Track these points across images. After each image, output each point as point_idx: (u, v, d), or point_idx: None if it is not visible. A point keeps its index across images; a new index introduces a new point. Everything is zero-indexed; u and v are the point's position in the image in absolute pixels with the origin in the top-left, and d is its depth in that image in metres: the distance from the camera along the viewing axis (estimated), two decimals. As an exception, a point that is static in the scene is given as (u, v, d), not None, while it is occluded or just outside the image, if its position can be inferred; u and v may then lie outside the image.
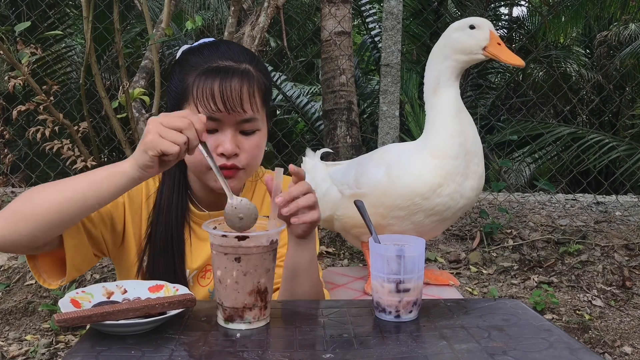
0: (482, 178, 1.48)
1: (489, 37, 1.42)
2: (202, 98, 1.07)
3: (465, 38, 1.43)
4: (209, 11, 6.33)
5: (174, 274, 1.15)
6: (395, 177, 1.45)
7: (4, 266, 2.72)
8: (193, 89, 1.08)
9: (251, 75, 1.10)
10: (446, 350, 0.82)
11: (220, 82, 1.07)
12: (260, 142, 1.14)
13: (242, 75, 1.09)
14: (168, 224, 1.16)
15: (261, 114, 1.13)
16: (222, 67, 1.09)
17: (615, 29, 6.72)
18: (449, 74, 1.45)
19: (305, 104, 6.18)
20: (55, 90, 2.28)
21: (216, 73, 1.08)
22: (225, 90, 1.06)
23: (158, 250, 1.16)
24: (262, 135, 1.15)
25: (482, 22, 1.43)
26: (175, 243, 1.17)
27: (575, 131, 4.75)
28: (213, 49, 1.14)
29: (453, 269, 2.82)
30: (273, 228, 0.96)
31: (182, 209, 1.18)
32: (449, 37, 1.45)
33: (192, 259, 1.20)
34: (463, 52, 1.43)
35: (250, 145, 1.12)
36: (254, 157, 1.14)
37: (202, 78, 1.08)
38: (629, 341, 2.38)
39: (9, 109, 3.07)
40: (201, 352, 0.81)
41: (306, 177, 1.80)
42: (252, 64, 1.12)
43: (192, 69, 1.10)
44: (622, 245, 2.97)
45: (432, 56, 1.48)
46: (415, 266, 0.94)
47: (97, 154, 2.47)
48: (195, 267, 1.21)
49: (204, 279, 1.22)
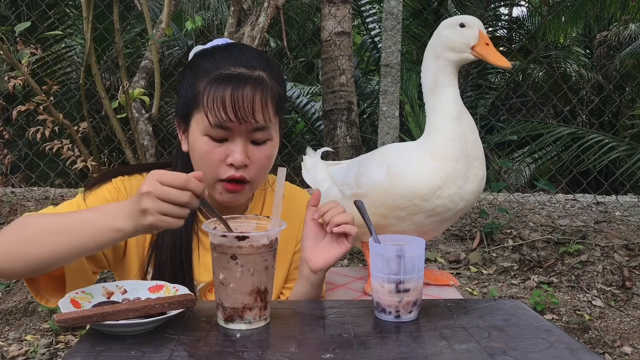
0: (483, 181, 1.48)
1: (477, 37, 1.41)
2: (213, 107, 1.02)
3: (454, 36, 1.42)
4: (209, 11, 6.33)
5: (182, 283, 1.13)
6: (396, 177, 1.45)
7: (3, 266, 2.71)
8: (204, 97, 1.04)
9: (265, 83, 1.05)
10: (446, 351, 0.82)
11: (232, 90, 1.02)
12: (271, 153, 1.10)
13: (255, 83, 1.04)
14: (175, 232, 1.13)
15: (274, 123, 1.08)
16: (235, 74, 1.04)
17: (615, 29, 6.72)
18: (445, 73, 1.45)
19: (305, 104, 6.19)
20: (55, 90, 2.27)
21: (228, 81, 1.03)
22: (237, 99, 1.02)
23: (164, 259, 1.13)
24: (274, 146, 1.10)
25: (472, 21, 1.43)
26: (184, 252, 1.13)
27: (575, 131, 4.75)
28: (226, 53, 1.09)
29: (453, 269, 2.82)
30: (274, 228, 0.96)
31: (190, 218, 1.15)
32: (439, 34, 1.45)
33: (200, 271, 1.16)
34: (452, 50, 1.43)
35: (261, 156, 1.08)
36: (264, 169, 1.10)
37: (214, 85, 1.03)
38: (629, 341, 2.38)
39: (9, 109, 3.07)
40: (201, 352, 0.81)
41: (306, 177, 1.81)
42: (266, 71, 1.07)
43: (204, 75, 1.06)
44: (622, 246, 2.97)
45: (425, 54, 1.48)
46: (415, 266, 0.94)
47: (97, 154, 2.47)
48: (203, 280, 1.16)
49: (211, 293, 1.18)
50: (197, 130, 1.07)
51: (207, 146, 1.05)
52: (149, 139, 2.51)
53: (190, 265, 1.15)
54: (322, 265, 1.08)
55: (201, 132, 1.06)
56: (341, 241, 1.08)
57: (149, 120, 2.54)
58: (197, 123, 1.07)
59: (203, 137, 1.06)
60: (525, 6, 7.67)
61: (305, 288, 1.11)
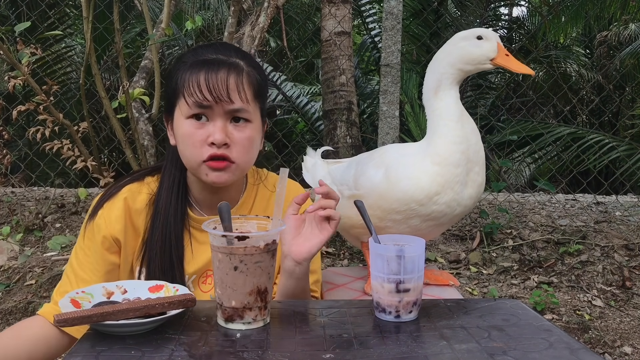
0: (482, 187, 1.48)
1: (496, 49, 1.44)
2: (189, 87, 1.08)
3: (472, 48, 1.44)
4: (209, 11, 6.33)
5: (171, 278, 1.14)
6: (394, 181, 1.45)
7: (4, 266, 2.72)
8: (183, 82, 1.10)
9: (240, 67, 1.11)
10: (446, 350, 0.82)
11: (206, 71, 1.08)
12: (252, 135, 1.13)
13: (229, 66, 1.10)
14: (166, 228, 1.16)
15: (252, 106, 1.12)
16: (210, 59, 1.10)
17: (615, 29, 6.72)
18: (452, 79, 1.46)
19: (305, 104, 6.18)
20: (55, 90, 2.28)
21: (203, 64, 1.09)
22: (210, 78, 1.07)
23: (155, 255, 1.16)
24: (255, 129, 1.14)
25: (489, 34, 1.46)
26: (174, 248, 1.16)
27: (575, 131, 4.75)
28: (207, 47, 1.15)
29: (453, 269, 2.82)
30: (274, 228, 0.96)
31: (181, 214, 1.18)
32: (456, 45, 1.46)
33: (193, 264, 1.19)
34: (470, 62, 1.45)
35: (241, 137, 1.11)
36: (247, 150, 1.13)
37: (191, 69, 1.09)
38: (629, 341, 2.38)
39: (9, 109, 3.07)
40: (201, 352, 0.81)
41: (307, 177, 1.81)
42: (243, 60, 1.13)
43: (183, 64, 1.12)
44: (622, 246, 2.97)
45: (437, 60, 1.49)
46: (415, 266, 0.94)
47: (97, 154, 2.47)
48: (193, 271, 1.20)
49: (205, 284, 1.21)
50: (180, 117, 1.12)
51: (190, 129, 1.10)
52: (149, 139, 2.51)
53: (180, 261, 1.18)
54: (307, 255, 1.07)
55: (183, 117, 1.11)
56: (324, 227, 1.08)
57: (149, 120, 2.54)
58: (179, 110, 1.12)
59: (185, 121, 1.11)
60: (525, 6, 7.66)
61: (290, 282, 1.10)
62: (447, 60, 1.46)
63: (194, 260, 1.19)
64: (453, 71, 1.45)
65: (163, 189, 1.19)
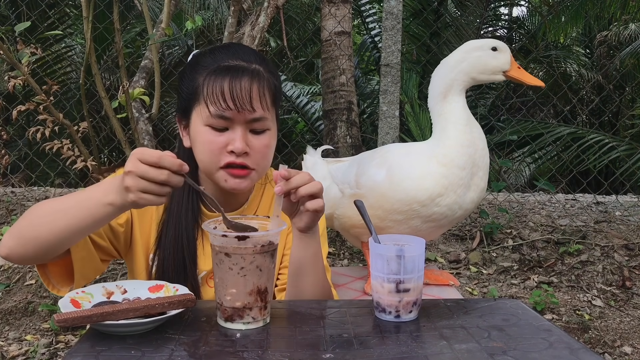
0: (484, 192, 1.49)
1: (510, 61, 1.46)
2: (212, 96, 1.07)
3: (487, 59, 1.47)
4: (209, 11, 6.32)
5: (184, 276, 1.14)
6: (396, 181, 1.45)
7: (4, 266, 2.72)
8: (203, 88, 1.09)
9: (261, 74, 1.10)
10: (446, 350, 0.82)
11: (230, 80, 1.07)
12: (270, 142, 1.14)
13: (252, 74, 1.09)
14: (179, 225, 1.16)
15: (271, 113, 1.13)
16: (232, 65, 1.09)
17: (615, 29, 6.72)
18: (463, 86, 1.48)
19: (305, 104, 6.19)
20: (55, 90, 2.27)
21: (226, 71, 1.08)
22: (234, 87, 1.06)
23: (168, 252, 1.15)
24: (272, 136, 1.14)
25: (503, 46, 1.50)
26: (186, 245, 1.16)
27: (575, 131, 4.75)
28: (224, 50, 1.15)
29: (453, 269, 2.82)
30: (274, 228, 0.96)
31: (193, 211, 1.18)
32: (470, 54, 1.47)
33: (204, 260, 1.19)
34: (485, 72, 1.48)
35: (260, 145, 1.11)
36: (264, 157, 1.13)
37: (212, 77, 1.08)
38: (629, 341, 2.38)
39: (9, 109, 3.07)
40: (201, 352, 0.81)
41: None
42: (262, 65, 1.13)
43: (203, 69, 1.11)
44: (622, 245, 2.97)
45: (447, 65, 1.50)
46: (415, 266, 0.94)
47: (97, 154, 2.47)
48: (203, 268, 1.20)
49: (212, 280, 1.21)
50: (198, 122, 1.11)
51: (209, 136, 1.09)
52: (149, 139, 2.51)
53: (193, 262, 1.18)
54: (305, 230, 1.06)
55: (202, 123, 1.10)
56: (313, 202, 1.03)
57: (149, 120, 2.54)
58: (197, 115, 1.11)
59: (204, 127, 1.10)
60: (525, 6, 7.67)
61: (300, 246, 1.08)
62: (460, 67, 1.47)
63: (204, 257, 1.19)
64: (466, 79, 1.47)
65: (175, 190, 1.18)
